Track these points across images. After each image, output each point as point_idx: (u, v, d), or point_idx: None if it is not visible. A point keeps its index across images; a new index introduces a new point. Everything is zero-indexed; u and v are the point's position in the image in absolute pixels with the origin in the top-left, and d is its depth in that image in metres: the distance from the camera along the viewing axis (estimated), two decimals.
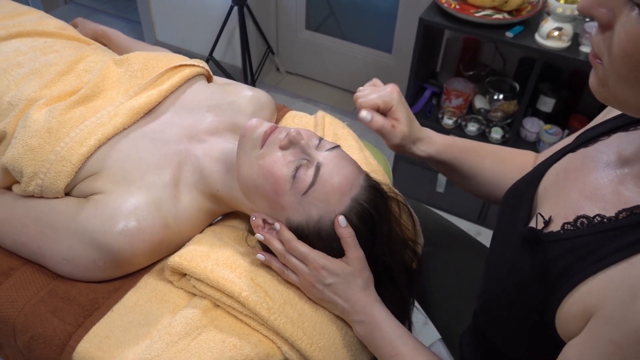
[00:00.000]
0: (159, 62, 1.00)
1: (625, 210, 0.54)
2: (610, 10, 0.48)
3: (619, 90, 0.50)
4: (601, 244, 0.54)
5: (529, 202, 0.70)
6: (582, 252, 0.55)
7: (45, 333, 0.79)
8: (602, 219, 0.56)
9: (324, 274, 0.77)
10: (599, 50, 0.51)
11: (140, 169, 0.87)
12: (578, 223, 0.58)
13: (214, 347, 0.77)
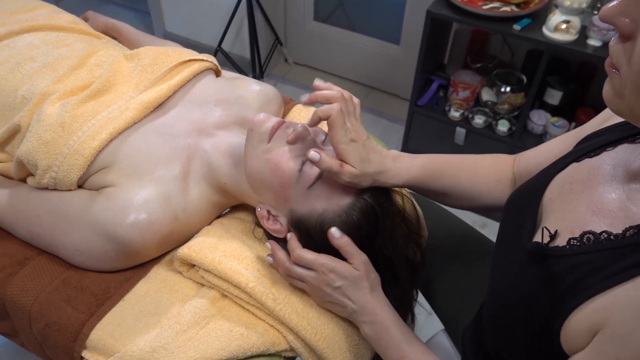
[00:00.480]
0: (168, 57, 1.02)
1: (633, 228, 0.54)
2: (633, 21, 0.47)
3: (635, 103, 0.49)
4: (608, 261, 0.54)
5: (534, 213, 0.69)
6: (588, 269, 0.55)
7: (59, 321, 0.82)
8: (609, 236, 0.56)
9: (332, 277, 0.78)
10: (617, 61, 0.50)
11: (150, 162, 0.89)
12: (584, 239, 0.58)
13: (221, 336, 0.79)
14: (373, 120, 2.60)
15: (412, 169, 0.84)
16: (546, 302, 0.59)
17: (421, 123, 2.02)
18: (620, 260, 0.52)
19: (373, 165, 0.80)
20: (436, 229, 1.12)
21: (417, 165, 0.85)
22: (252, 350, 0.79)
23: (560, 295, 0.57)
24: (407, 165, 0.84)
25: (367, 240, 0.81)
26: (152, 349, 0.77)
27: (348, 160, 0.77)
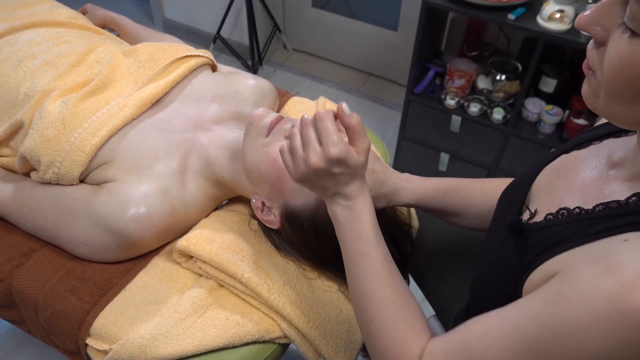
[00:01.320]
0: (165, 53, 1.05)
1: (602, 204, 0.58)
2: (604, 30, 0.51)
3: (609, 104, 0.53)
4: (576, 230, 0.58)
5: (522, 199, 0.73)
6: (558, 238, 0.59)
7: (64, 310, 0.86)
8: (581, 211, 0.60)
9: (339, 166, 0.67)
10: (592, 64, 0.54)
11: (149, 157, 0.92)
12: (559, 214, 0.62)
13: (218, 324, 0.84)
14: (371, 107, 2.63)
15: (425, 188, 0.90)
16: (519, 272, 0.63)
17: (417, 111, 2.04)
18: (587, 229, 0.56)
19: (386, 187, 0.87)
20: (429, 220, 1.15)
21: (430, 184, 0.91)
22: (247, 338, 0.84)
23: (527, 264, 0.61)
24: (421, 185, 0.90)
25: None
26: (153, 337, 0.81)
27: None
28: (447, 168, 2.14)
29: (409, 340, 0.65)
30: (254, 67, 2.70)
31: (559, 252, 0.57)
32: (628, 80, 0.49)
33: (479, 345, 0.58)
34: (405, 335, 0.66)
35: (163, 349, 0.80)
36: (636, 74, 0.48)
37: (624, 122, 0.54)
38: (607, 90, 0.52)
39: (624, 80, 0.49)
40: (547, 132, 1.87)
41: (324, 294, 0.88)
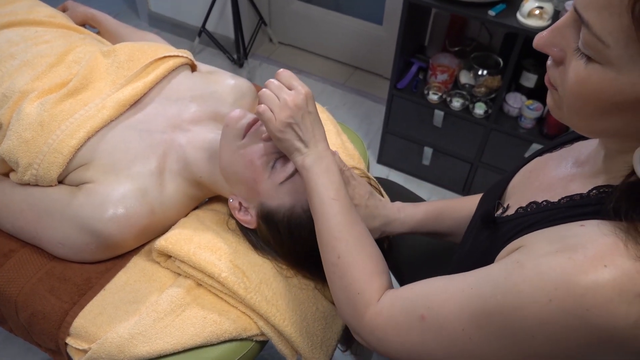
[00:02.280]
0: (144, 53, 1.05)
1: (566, 197, 0.61)
2: (561, 50, 0.54)
3: (571, 117, 0.56)
4: (542, 218, 0.61)
5: (498, 197, 0.78)
6: (526, 225, 0.63)
7: (44, 310, 0.88)
8: (548, 203, 0.63)
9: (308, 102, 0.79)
10: (553, 81, 0.57)
11: (127, 158, 0.93)
12: (528, 207, 0.66)
13: (196, 323, 0.85)
14: (357, 101, 2.64)
15: (416, 215, 0.94)
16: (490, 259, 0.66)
17: (401, 105, 2.06)
18: (551, 217, 0.60)
19: (379, 220, 0.92)
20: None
21: (420, 211, 0.95)
22: (224, 336, 0.85)
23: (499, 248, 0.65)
24: (411, 213, 0.94)
25: None
26: (131, 336, 0.83)
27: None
28: (430, 162, 2.17)
29: (371, 277, 0.72)
30: (239, 61, 2.70)
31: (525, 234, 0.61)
32: (587, 100, 0.52)
33: (438, 297, 0.62)
34: (368, 272, 0.73)
35: (141, 348, 0.82)
36: (594, 95, 0.51)
37: (588, 132, 0.58)
38: (568, 106, 0.55)
39: (584, 100, 0.52)
40: (527, 127, 1.89)
41: (300, 291, 0.90)
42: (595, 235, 0.51)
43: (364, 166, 1.17)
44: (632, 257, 0.48)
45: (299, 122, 0.79)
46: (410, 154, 2.20)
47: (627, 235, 0.50)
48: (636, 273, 0.48)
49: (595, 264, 0.49)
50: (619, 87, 0.48)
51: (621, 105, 0.50)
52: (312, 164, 0.79)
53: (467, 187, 2.17)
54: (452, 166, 2.14)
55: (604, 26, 0.46)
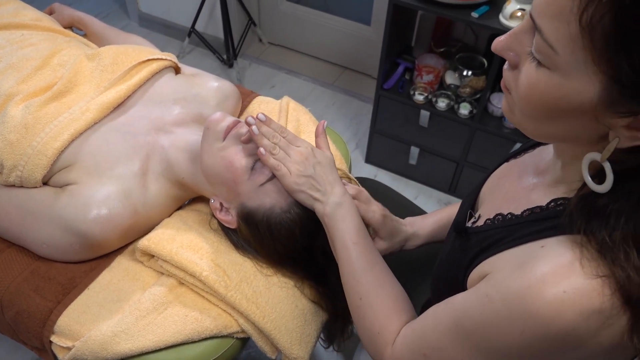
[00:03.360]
0: (128, 56, 1.07)
1: (528, 210, 0.65)
2: (516, 55, 0.56)
3: (522, 121, 0.59)
4: (507, 234, 0.65)
5: (472, 203, 0.82)
6: (493, 240, 0.67)
7: (29, 309, 0.89)
8: (512, 216, 0.67)
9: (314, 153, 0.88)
10: (508, 84, 0.59)
11: (110, 160, 0.95)
12: (495, 219, 0.70)
13: (177, 321, 0.87)
14: (346, 101, 2.66)
15: (427, 228, 0.99)
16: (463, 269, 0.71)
17: (388, 106, 2.08)
18: (515, 233, 0.64)
19: (400, 236, 0.97)
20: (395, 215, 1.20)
21: (429, 223, 1.00)
22: (206, 333, 0.88)
23: (469, 261, 0.69)
24: (422, 226, 1.00)
25: (309, 237, 0.89)
26: (114, 334, 0.85)
27: (381, 234, 0.94)
28: (417, 161, 2.19)
29: (390, 317, 0.77)
30: (229, 61, 2.71)
31: (491, 254, 0.65)
32: (536, 103, 0.55)
33: (433, 335, 0.68)
34: (388, 313, 0.78)
35: (124, 345, 0.84)
36: (543, 99, 0.54)
37: (537, 136, 0.61)
38: (520, 109, 0.58)
39: (533, 102, 0.55)
40: (511, 127, 1.92)
41: (280, 290, 0.92)
42: (553, 256, 0.55)
43: (346, 167, 1.19)
44: (587, 275, 0.52)
45: (312, 173, 0.85)
46: (397, 153, 2.23)
47: (583, 250, 0.53)
48: (593, 292, 0.51)
49: (558, 291, 0.52)
50: (564, 92, 0.51)
51: (566, 110, 0.52)
52: (333, 212, 0.84)
53: (454, 187, 2.19)
54: (438, 165, 2.16)
55: (554, 33, 0.49)
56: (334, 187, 0.85)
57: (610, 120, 0.50)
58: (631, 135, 0.50)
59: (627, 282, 0.50)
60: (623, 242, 0.51)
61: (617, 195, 0.53)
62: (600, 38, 0.45)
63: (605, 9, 0.44)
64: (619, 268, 0.50)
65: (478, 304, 0.61)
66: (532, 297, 0.54)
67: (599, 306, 0.51)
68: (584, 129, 0.54)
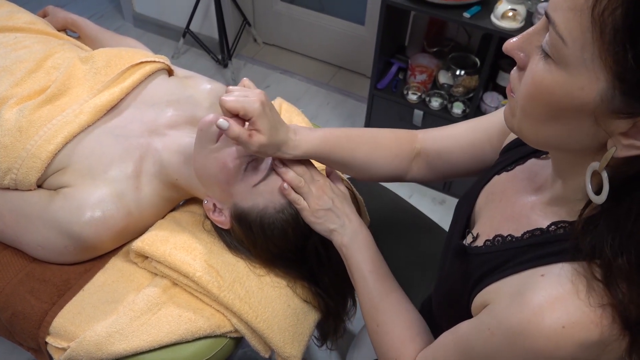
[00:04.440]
0: (121, 59, 1.08)
1: (528, 232, 0.65)
2: (526, 56, 0.56)
3: (522, 123, 0.59)
4: (508, 258, 0.65)
5: (466, 220, 0.82)
6: (494, 264, 0.67)
7: (24, 310, 0.90)
8: (512, 239, 0.67)
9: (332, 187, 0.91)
10: (513, 86, 0.59)
11: (103, 163, 0.96)
12: (495, 241, 0.70)
13: (171, 321, 0.89)
14: (340, 100, 2.67)
15: (311, 141, 0.88)
16: (465, 289, 0.71)
17: (381, 105, 2.09)
18: (516, 258, 0.64)
19: (280, 135, 0.85)
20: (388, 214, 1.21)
21: (316, 137, 0.89)
22: (199, 333, 0.89)
23: (472, 284, 0.69)
24: (306, 138, 0.88)
25: (302, 237, 0.90)
26: (108, 334, 0.86)
27: (260, 126, 0.80)
28: None
29: (406, 343, 0.81)
30: (224, 61, 2.72)
31: (493, 280, 0.65)
32: (539, 102, 0.54)
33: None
34: (404, 340, 0.81)
35: (118, 346, 0.85)
36: (546, 96, 0.53)
37: (533, 141, 0.60)
38: (521, 110, 0.57)
39: (535, 101, 0.54)
40: None
41: (272, 289, 0.94)
42: (553, 286, 0.56)
43: None
44: (586, 306, 0.53)
45: (331, 206, 0.88)
46: None
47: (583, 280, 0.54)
48: (590, 323, 0.52)
49: (553, 322, 0.53)
50: (568, 89, 0.51)
51: (567, 110, 0.52)
52: (350, 242, 0.88)
53: (448, 185, 2.21)
54: None
55: (566, 25, 0.49)
56: (350, 219, 0.89)
57: (610, 124, 0.50)
58: (628, 144, 0.50)
59: (627, 307, 0.51)
60: (627, 265, 0.51)
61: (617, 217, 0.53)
62: (610, 31, 0.46)
63: (618, 2, 0.44)
64: (621, 294, 0.51)
65: (481, 336, 0.62)
66: (532, 331, 0.55)
67: (598, 337, 0.52)
68: (583, 134, 0.53)
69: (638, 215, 0.52)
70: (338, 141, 0.91)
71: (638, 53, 0.44)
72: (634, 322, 0.51)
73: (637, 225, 0.52)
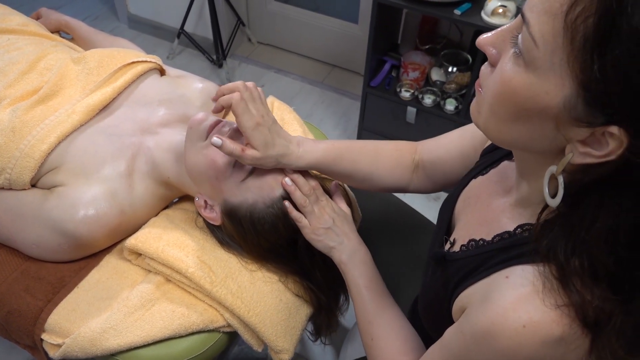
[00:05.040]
0: (113, 59, 1.09)
1: (497, 235, 0.67)
2: (498, 53, 0.57)
3: (487, 119, 0.59)
4: (481, 262, 0.67)
5: (446, 225, 0.83)
6: (469, 269, 0.68)
7: (20, 308, 0.92)
8: (484, 242, 0.69)
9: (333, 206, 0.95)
10: (482, 81, 0.60)
11: (96, 162, 0.97)
12: (469, 245, 0.71)
13: (165, 316, 0.90)
14: (335, 99, 2.68)
15: (314, 153, 0.91)
16: (445, 295, 0.73)
17: (375, 103, 2.11)
18: (487, 261, 0.65)
19: (277, 149, 0.87)
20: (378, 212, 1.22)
21: (319, 149, 0.92)
22: (192, 328, 0.90)
23: (452, 289, 0.71)
24: (310, 150, 0.91)
25: (293, 232, 0.92)
26: (103, 330, 0.87)
27: (253, 143, 0.85)
28: None
29: (399, 358, 0.83)
30: (218, 61, 2.73)
31: (467, 285, 0.67)
32: (505, 101, 0.55)
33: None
34: (397, 353, 0.83)
35: (112, 341, 0.87)
36: (512, 96, 0.54)
37: (498, 139, 0.61)
38: (488, 107, 0.58)
39: (502, 100, 0.55)
40: None
41: (264, 284, 0.95)
42: (515, 288, 0.57)
43: None
44: (547, 306, 0.54)
45: (331, 225, 0.92)
46: None
47: (543, 280, 0.55)
48: (553, 323, 0.53)
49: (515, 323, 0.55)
50: (534, 92, 0.51)
51: (531, 112, 0.53)
52: (348, 259, 0.91)
53: None
54: None
55: (540, 28, 0.49)
56: (349, 238, 0.93)
57: (570, 130, 0.51)
58: (584, 152, 0.51)
59: (583, 308, 0.52)
60: (580, 268, 0.53)
61: (573, 220, 0.55)
62: (580, 39, 0.46)
63: (591, 11, 0.45)
64: (576, 294, 0.52)
65: (457, 340, 0.64)
66: (496, 333, 0.56)
67: (560, 334, 0.53)
68: (544, 138, 0.54)
69: (591, 222, 0.52)
70: (340, 153, 0.94)
71: (603, 65, 0.45)
72: (592, 322, 0.52)
73: (590, 233, 0.52)
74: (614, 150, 0.48)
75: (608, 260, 0.52)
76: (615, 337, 0.52)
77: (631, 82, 0.44)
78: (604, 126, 0.48)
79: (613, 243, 0.51)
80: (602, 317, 0.52)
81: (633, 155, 0.47)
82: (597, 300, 0.52)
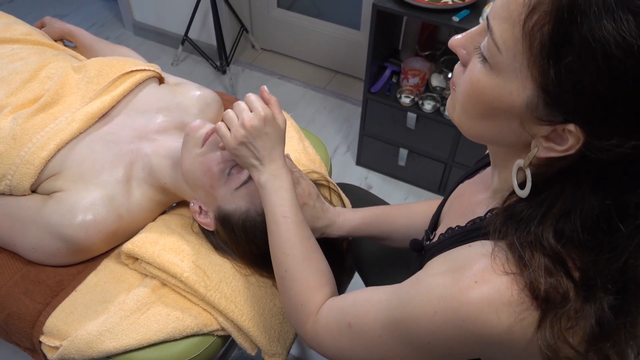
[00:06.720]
0: (112, 67, 1.12)
1: (471, 221, 0.70)
2: (468, 54, 0.61)
3: (460, 116, 0.63)
4: (452, 243, 0.69)
5: (434, 223, 0.87)
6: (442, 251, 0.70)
7: (19, 311, 0.94)
8: (459, 228, 0.72)
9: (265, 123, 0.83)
10: (456, 80, 0.64)
11: (95, 168, 1.00)
12: (446, 233, 0.75)
13: (160, 320, 0.92)
14: (337, 104, 2.70)
15: (352, 221, 1.01)
16: None
17: (376, 109, 2.12)
18: (457, 240, 0.69)
19: (322, 222, 0.99)
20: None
21: (357, 217, 1.02)
22: (187, 331, 0.92)
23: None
24: (349, 218, 1.01)
25: None
26: (99, 333, 0.89)
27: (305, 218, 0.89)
28: (405, 163, 2.23)
29: (314, 290, 0.80)
30: (222, 68, 2.76)
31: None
32: (474, 100, 0.59)
33: (362, 307, 0.71)
34: (312, 285, 0.80)
35: (108, 344, 0.89)
36: (480, 97, 0.58)
37: (470, 134, 0.64)
38: (460, 105, 0.62)
39: (471, 98, 0.59)
40: None
41: (258, 289, 0.97)
42: (475, 255, 0.60)
43: (325, 170, 1.23)
44: (501, 273, 0.56)
45: (253, 141, 0.84)
46: (386, 155, 2.27)
47: (500, 252, 0.58)
48: (502, 286, 0.55)
49: (470, 281, 0.57)
50: (499, 93, 0.55)
51: (498, 111, 0.57)
52: (266, 182, 0.85)
53: (443, 187, 2.23)
54: (427, 166, 2.20)
55: (502, 34, 0.53)
56: (272, 160, 0.85)
57: (533, 127, 0.55)
58: (548, 147, 0.54)
59: (533, 281, 0.54)
60: (531, 244, 0.56)
61: (533, 204, 0.58)
62: (537, 45, 0.49)
63: (546, 20, 0.48)
64: (526, 267, 0.55)
65: (407, 284, 0.66)
66: (449, 286, 0.58)
67: (507, 299, 0.55)
68: (511, 134, 0.58)
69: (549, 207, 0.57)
70: (377, 217, 1.01)
71: (558, 70, 0.48)
72: (543, 297, 0.54)
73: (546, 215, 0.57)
74: (572, 146, 0.52)
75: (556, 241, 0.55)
76: (566, 320, 0.54)
77: (583, 86, 0.48)
78: (563, 124, 0.52)
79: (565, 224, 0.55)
80: (554, 296, 0.54)
81: (588, 151, 0.51)
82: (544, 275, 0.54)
